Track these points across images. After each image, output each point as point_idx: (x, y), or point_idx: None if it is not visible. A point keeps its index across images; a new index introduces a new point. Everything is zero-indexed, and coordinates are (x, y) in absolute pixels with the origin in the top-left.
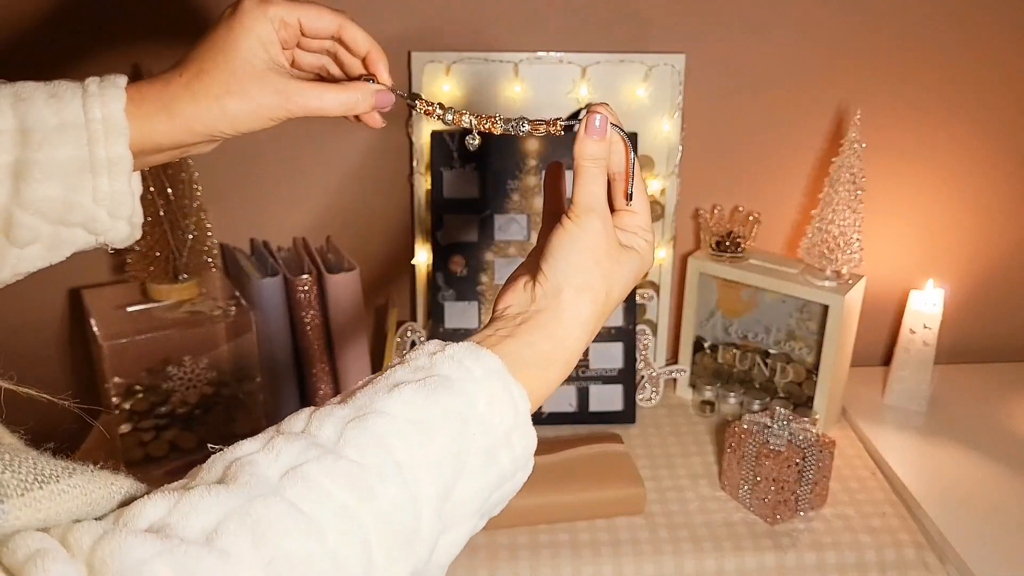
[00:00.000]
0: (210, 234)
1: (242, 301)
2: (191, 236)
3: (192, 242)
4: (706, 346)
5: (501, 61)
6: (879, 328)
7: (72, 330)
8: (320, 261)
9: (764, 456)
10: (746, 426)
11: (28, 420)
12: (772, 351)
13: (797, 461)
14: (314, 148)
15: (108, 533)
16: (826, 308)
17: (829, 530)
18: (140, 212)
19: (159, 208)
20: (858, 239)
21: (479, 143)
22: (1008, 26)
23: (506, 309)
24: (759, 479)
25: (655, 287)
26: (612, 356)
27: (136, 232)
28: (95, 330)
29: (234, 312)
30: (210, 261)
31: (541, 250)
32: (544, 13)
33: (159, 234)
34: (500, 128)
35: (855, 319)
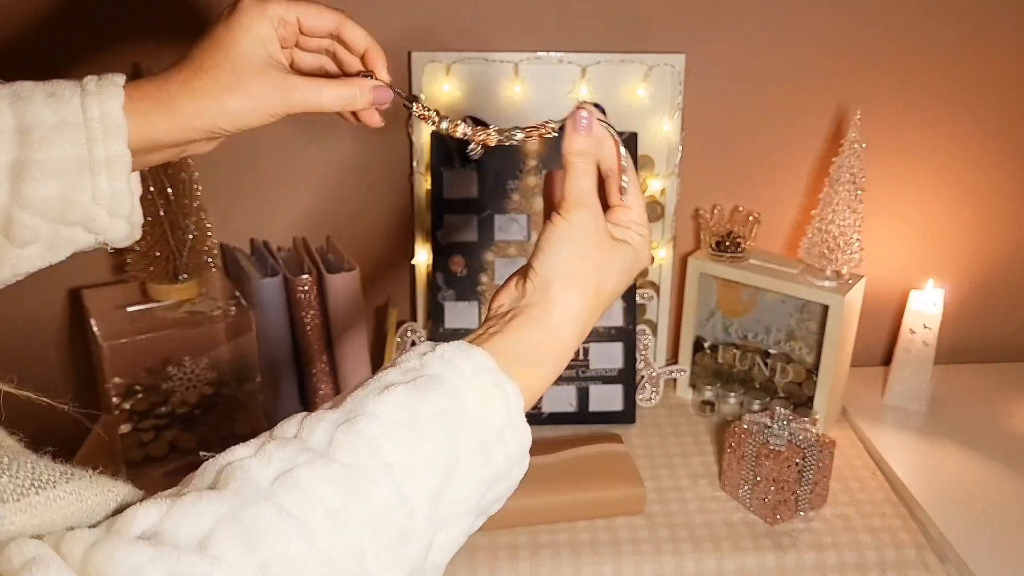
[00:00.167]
0: (210, 234)
1: (242, 301)
2: (191, 236)
3: (192, 242)
4: (706, 346)
5: (501, 61)
6: (879, 328)
7: (72, 330)
8: (320, 261)
9: (764, 456)
10: (746, 426)
11: (28, 421)
12: (772, 351)
13: (797, 461)
14: (314, 148)
15: (100, 541)
16: (826, 308)
17: (829, 530)
18: (140, 212)
19: (159, 208)
20: (858, 239)
21: (482, 152)
22: (1008, 26)
23: (498, 308)
24: (759, 479)
25: (655, 287)
26: (612, 356)
27: (136, 232)
28: (95, 330)
29: (234, 312)
30: (210, 261)
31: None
32: (544, 13)
33: (159, 234)
34: (495, 139)
35: (855, 319)
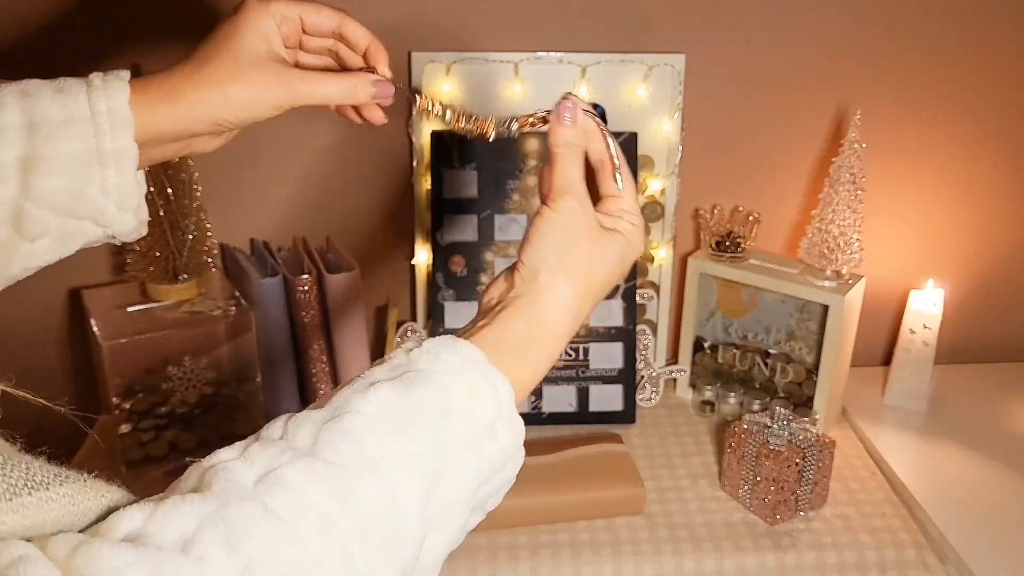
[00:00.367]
0: (210, 234)
1: (242, 301)
2: (191, 236)
3: (192, 242)
4: (706, 346)
5: (501, 61)
6: (879, 328)
7: (72, 330)
8: (320, 261)
9: (764, 456)
10: (746, 426)
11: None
12: (772, 351)
13: (797, 461)
14: (315, 148)
15: (84, 543)
16: (826, 308)
17: (829, 530)
18: (146, 209)
19: (159, 208)
20: (858, 239)
21: (493, 136)
22: (1008, 26)
23: (488, 302)
24: (759, 479)
25: (655, 287)
26: (612, 356)
27: (143, 227)
28: (95, 330)
29: (234, 312)
30: (210, 261)
31: None
32: (544, 13)
33: (159, 234)
34: (493, 133)
35: (855, 319)
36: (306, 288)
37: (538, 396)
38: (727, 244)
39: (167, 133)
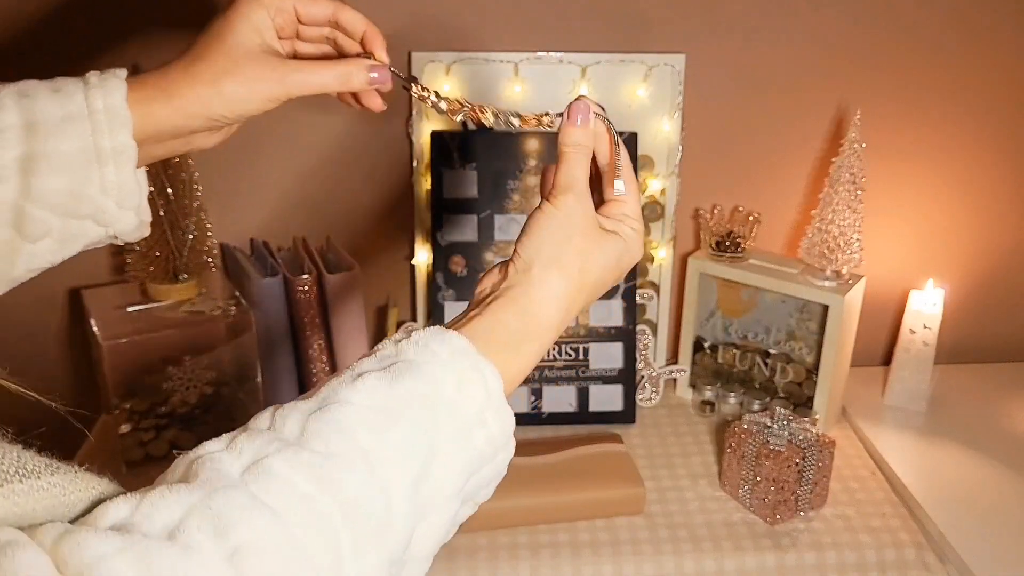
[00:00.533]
0: (210, 234)
1: (242, 301)
2: (191, 236)
3: (192, 242)
4: (706, 346)
5: (501, 61)
6: (879, 328)
7: (72, 330)
8: (320, 261)
9: (764, 456)
10: (746, 426)
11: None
12: (772, 351)
13: (797, 461)
14: (314, 148)
15: (70, 531)
16: (826, 308)
17: (829, 530)
18: (148, 209)
19: (159, 208)
20: (858, 239)
21: (464, 118)
22: (1009, 26)
23: (480, 293)
24: (759, 479)
25: (655, 287)
26: (612, 356)
27: (145, 227)
28: (95, 330)
29: (234, 312)
30: (210, 261)
31: None
32: (544, 13)
33: (159, 234)
34: (490, 119)
35: (855, 319)
36: (306, 288)
37: (538, 396)
38: (727, 244)
39: (165, 130)
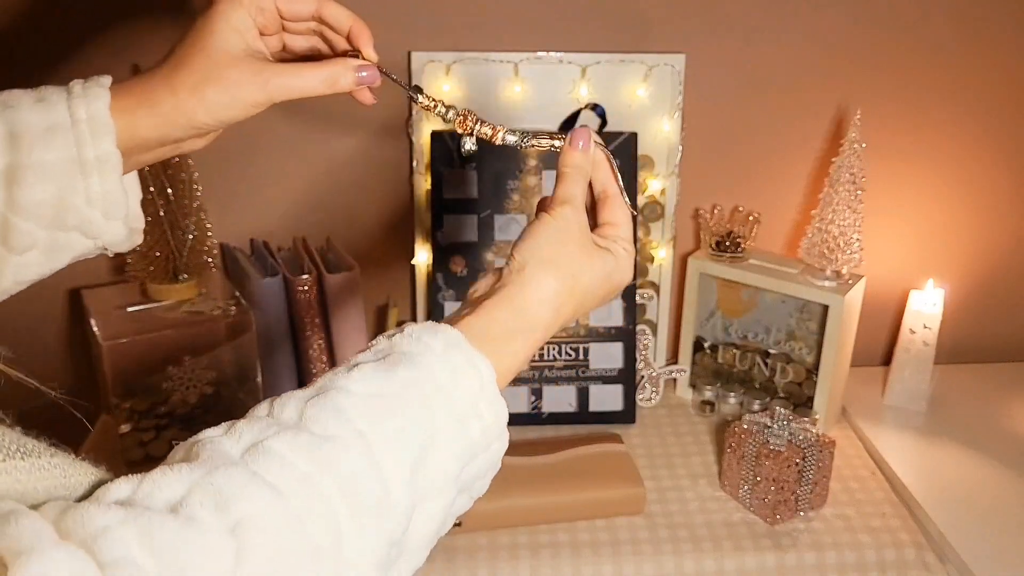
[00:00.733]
0: (210, 234)
1: (242, 301)
2: (191, 236)
3: (192, 242)
4: (706, 346)
5: (501, 61)
6: (879, 328)
7: (72, 330)
8: (320, 261)
9: (764, 456)
10: (746, 426)
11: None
12: (772, 351)
13: (797, 461)
14: (314, 148)
15: (72, 507)
16: (826, 308)
17: (829, 530)
18: (140, 217)
19: (159, 208)
20: (858, 239)
21: (475, 150)
22: (1009, 26)
23: (473, 294)
24: (759, 479)
25: (655, 287)
26: (612, 356)
27: (136, 236)
28: (95, 330)
29: (234, 312)
30: (210, 261)
31: None
32: (544, 13)
33: (159, 234)
34: (500, 139)
35: (855, 319)
36: (306, 288)
37: (538, 396)
38: (727, 244)
39: (150, 138)
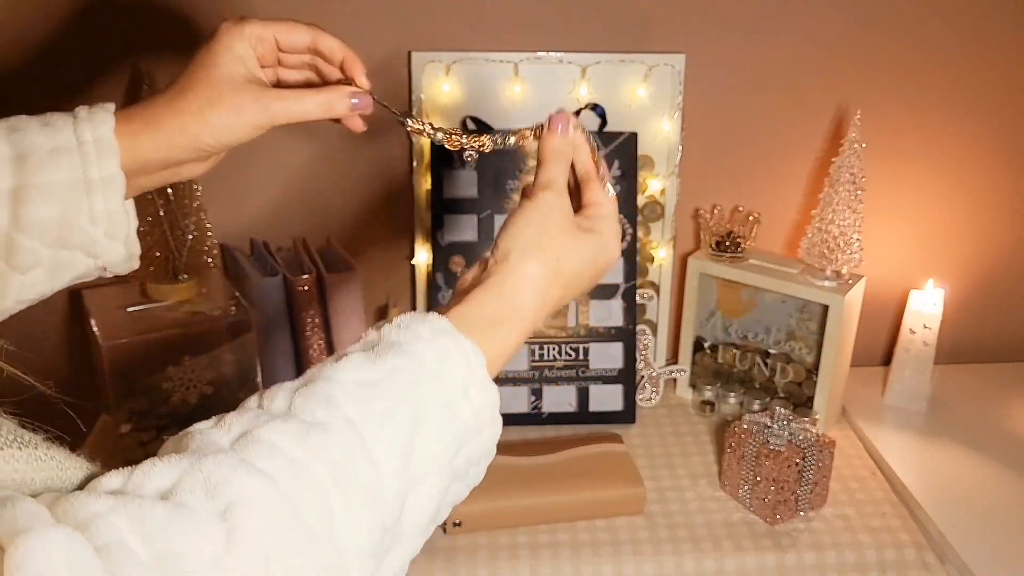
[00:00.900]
0: (210, 234)
1: (242, 301)
2: (191, 236)
3: (192, 242)
4: (706, 346)
5: (501, 61)
6: (879, 328)
7: (72, 330)
8: (320, 261)
9: (764, 456)
10: (746, 426)
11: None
12: (772, 351)
13: (797, 461)
14: (314, 148)
15: (65, 496)
16: (826, 308)
17: (829, 530)
18: (137, 243)
19: (159, 208)
20: (858, 239)
21: (477, 157)
22: (1009, 26)
23: (461, 284)
24: (759, 479)
25: (655, 287)
26: (612, 356)
27: (133, 261)
28: (95, 330)
29: (234, 312)
30: (210, 261)
31: None
32: (544, 13)
33: (159, 234)
34: (489, 147)
35: (855, 319)
36: (306, 288)
37: (538, 396)
38: (727, 244)
39: (153, 161)
